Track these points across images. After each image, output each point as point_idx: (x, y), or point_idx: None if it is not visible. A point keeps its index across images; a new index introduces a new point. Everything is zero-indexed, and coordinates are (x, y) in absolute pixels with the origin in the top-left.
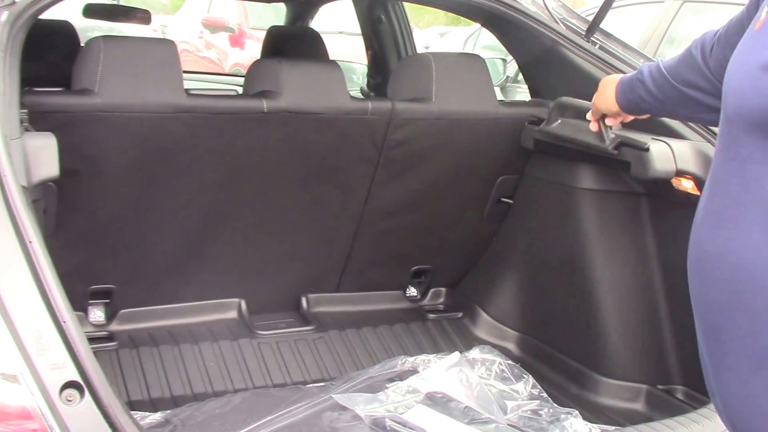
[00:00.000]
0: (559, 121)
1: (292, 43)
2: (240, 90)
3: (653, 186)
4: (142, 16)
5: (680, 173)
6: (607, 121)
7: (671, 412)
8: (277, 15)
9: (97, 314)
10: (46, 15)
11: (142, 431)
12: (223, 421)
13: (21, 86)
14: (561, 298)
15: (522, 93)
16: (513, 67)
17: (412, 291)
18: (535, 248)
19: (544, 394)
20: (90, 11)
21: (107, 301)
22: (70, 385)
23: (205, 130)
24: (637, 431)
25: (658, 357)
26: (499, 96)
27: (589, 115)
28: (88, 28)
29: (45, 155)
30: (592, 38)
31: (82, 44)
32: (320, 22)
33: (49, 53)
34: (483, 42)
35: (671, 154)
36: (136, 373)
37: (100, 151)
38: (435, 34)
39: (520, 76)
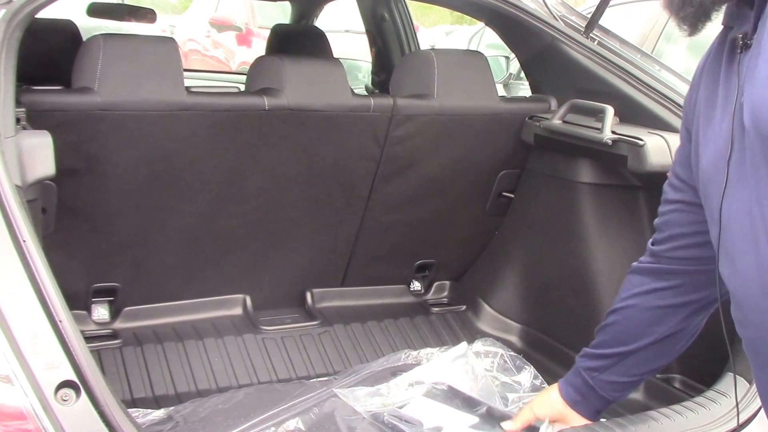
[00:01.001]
0: (561, 114)
1: (297, 42)
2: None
3: (650, 179)
4: (147, 15)
5: None
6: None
7: (669, 401)
8: (285, 14)
9: (100, 312)
10: (50, 14)
11: (140, 429)
12: (226, 417)
13: (21, 85)
14: (562, 290)
15: (525, 90)
16: (516, 64)
17: (416, 285)
18: (537, 241)
19: (546, 386)
20: (94, 10)
21: (111, 299)
22: (66, 384)
23: (206, 127)
24: (635, 420)
25: None
26: (502, 92)
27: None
28: (96, 28)
29: (40, 154)
30: (590, 34)
31: None
32: (327, 20)
33: (52, 52)
34: (487, 40)
35: (667, 148)
36: (140, 371)
37: (100, 150)
38: (440, 32)
39: (523, 73)
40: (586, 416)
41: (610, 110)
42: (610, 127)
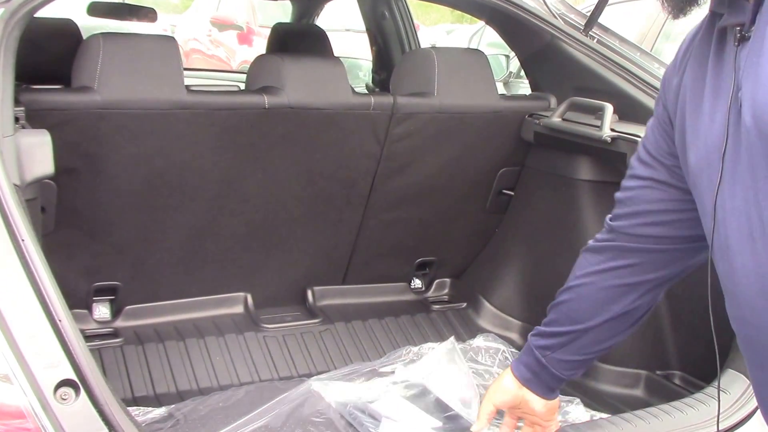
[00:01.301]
0: (560, 112)
1: (297, 40)
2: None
3: None
4: (148, 14)
5: None
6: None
7: (669, 397)
8: (285, 13)
9: (102, 311)
10: (50, 14)
11: (139, 428)
12: (226, 415)
13: (20, 84)
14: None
15: (525, 88)
16: (516, 62)
17: (416, 283)
18: (536, 238)
19: None
20: (94, 10)
21: (112, 297)
22: (65, 383)
23: (205, 126)
24: (636, 417)
25: (656, 343)
26: (502, 91)
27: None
28: (97, 28)
29: (39, 153)
30: (590, 33)
31: None
32: (328, 19)
33: (52, 52)
34: (487, 39)
35: None
36: (141, 369)
37: (100, 149)
38: (441, 31)
39: (523, 72)
40: (540, 394)
41: (609, 108)
42: (609, 125)
